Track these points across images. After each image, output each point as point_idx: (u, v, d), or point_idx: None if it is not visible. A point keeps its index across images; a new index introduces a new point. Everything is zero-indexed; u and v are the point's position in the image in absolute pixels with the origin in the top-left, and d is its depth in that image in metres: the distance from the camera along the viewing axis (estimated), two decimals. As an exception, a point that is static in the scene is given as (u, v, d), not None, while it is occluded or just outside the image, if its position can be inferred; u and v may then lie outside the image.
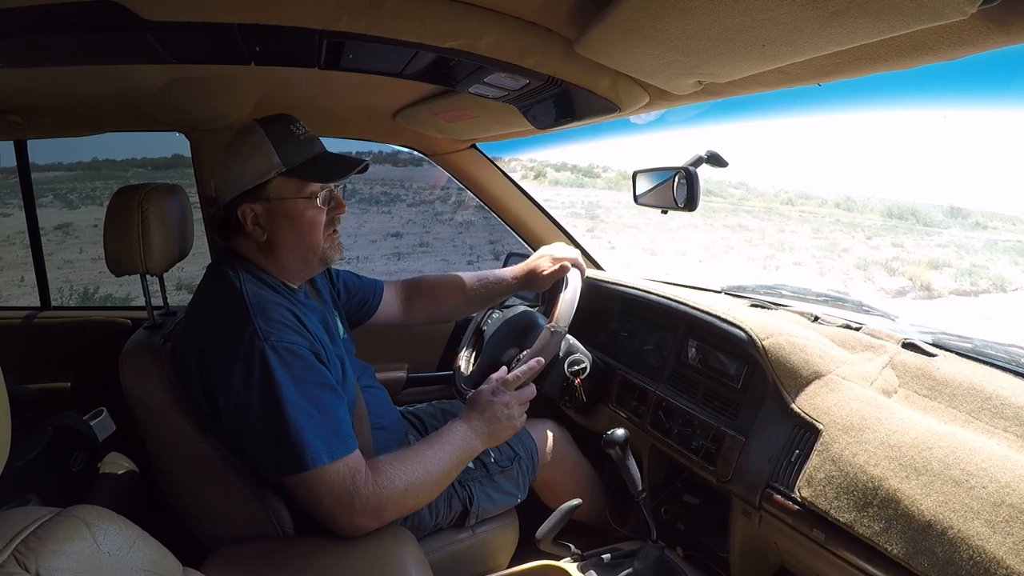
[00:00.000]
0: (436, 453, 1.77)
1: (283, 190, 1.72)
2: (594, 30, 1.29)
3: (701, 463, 1.91)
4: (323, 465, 1.56)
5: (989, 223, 27.72)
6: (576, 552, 2.02)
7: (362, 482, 1.61)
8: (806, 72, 1.41)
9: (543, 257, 2.39)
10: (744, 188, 32.86)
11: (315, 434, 1.57)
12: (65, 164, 24.94)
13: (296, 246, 1.78)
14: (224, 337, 1.63)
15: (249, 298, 1.66)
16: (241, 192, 1.73)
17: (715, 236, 25.74)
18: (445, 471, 1.78)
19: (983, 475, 1.26)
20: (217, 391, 1.62)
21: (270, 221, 1.74)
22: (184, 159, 2.84)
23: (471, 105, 2.10)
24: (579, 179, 33.80)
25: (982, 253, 23.12)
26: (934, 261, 21.87)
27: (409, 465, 1.71)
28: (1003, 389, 1.51)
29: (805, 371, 1.71)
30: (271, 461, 1.61)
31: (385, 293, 2.43)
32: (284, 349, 1.60)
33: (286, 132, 1.74)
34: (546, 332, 2.05)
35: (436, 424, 2.48)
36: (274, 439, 1.56)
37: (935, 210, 28.83)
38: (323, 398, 1.63)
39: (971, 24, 0.99)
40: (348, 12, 1.29)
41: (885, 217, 28.78)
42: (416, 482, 1.70)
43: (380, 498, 1.63)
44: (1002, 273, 20.99)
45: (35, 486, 2.02)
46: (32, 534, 0.89)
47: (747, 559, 1.87)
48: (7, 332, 2.90)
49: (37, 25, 1.28)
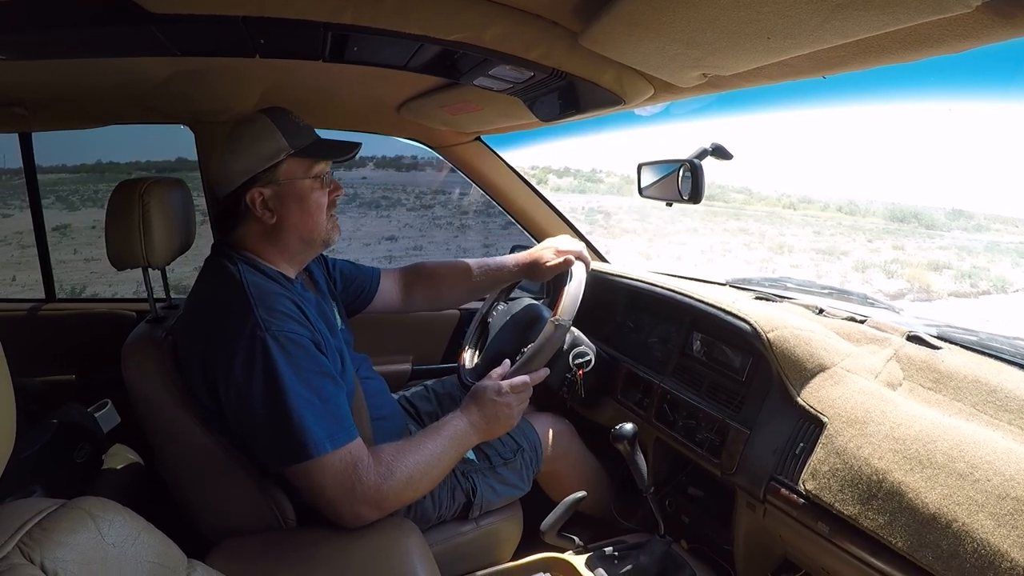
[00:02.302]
0: (435, 445, 1.78)
1: (293, 171, 1.77)
2: (599, 23, 1.29)
3: (706, 456, 1.91)
4: (326, 453, 1.57)
5: (992, 225, 27.58)
6: (580, 545, 2.03)
7: (364, 471, 1.62)
8: (811, 65, 1.40)
9: (547, 248, 2.39)
10: (747, 192, 32.75)
11: (317, 423, 1.57)
12: (69, 166, 24.91)
13: (303, 227, 1.81)
14: (225, 329, 1.64)
15: (250, 288, 1.67)
16: (250, 177, 1.75)
17: (713, 240, 25.60)
18: (444, 464, 1.79)
19: (988, 468, 1.26)
20: (218, 383, 1.63)
21: (279, 203, 1.78)
22: (188, 162, 2.85)
23: (476, 97, 2.10)
24: (581, 184, 33.72)
25: (983, 255, 22.94)
26: (934, 263, 21.75)
27: (410, 457, 1.72)
28: (1008, 382, 1.50)
29: (810, 364, 1.71)
30: (274, 451, 1.62)
31: (383, 280, 2.44)
32: (285, 339, 1.61)
33: (287, 118, 1.79)
34: (550, 325, 2.04)
35: (427, 407, 2.51)
36: (276, 429, 1.57)
37: (938, 212, 28.71)
38: (324, 387, 1.64)
39: (976, 17, 0.99)
40: (353, 4, 1.29)
41: (887, 220, 28.61)
42: (416, 474, 1.70)
43: (382, 489, 1.63)
44: (1003, 275, 20.89)
45: (40, 478, 2.03)
46: (37, 525, 0.89)
47: (751, 552, 1.87)
48: (12, 324, 2.91)
49: (42, 18, 1.28)
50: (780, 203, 32.51)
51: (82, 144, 26.66)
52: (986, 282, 20.23)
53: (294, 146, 1.75)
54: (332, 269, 2.28)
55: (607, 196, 32.03)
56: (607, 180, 34.66)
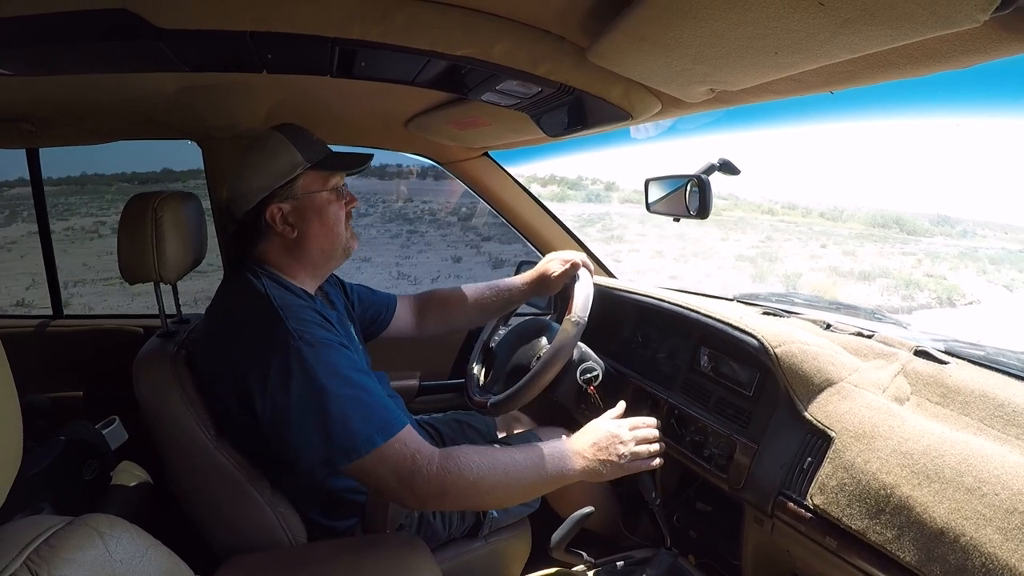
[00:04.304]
0: (525, 461, 1.74)
1: (310, 185, 1.80)
2: (606, 38, 1.29)
3: (713, 471, 1.91)
4: (378, 447, 1.57)
5: (978, 231, 27.29)
6: (589, 560, 2.02)
7: (425, 463, 1.60)
8: (818, 80, 1.41)
9: (552, 260, 2.41)
10: (733, 199, 32.61)
11: (365, 420, 1.57)
12: (54, 179, 24.95)
13: (323, 239, 1.84)
14: (257, 340, 1.64)
15: (277, 301, 1.68)
16: (268, 194, 1.77)
17: (652, 247, 25.24)
18: (527, 481, 1.73)
19: (996, 482, 1.25)
20: (253, 394, 1.62)
21: (299, 217, 1.80)
22: (173, 173, 2.85)
23: (483, 113, 2.11)
24: (563, 192, 33.83)
25: (950, 261, 22.48)
26: (866, 273, 21.31)
27: (486, 459, 1.68)
28: (1016, 396, 1.50)
29: (817, 379, 1.71)
30: (324, 455, 1.59)
31: (398, 307, 2.45)
32: (319, 343, 1.62)
33: (301, 133, 1.81)
34: (567, 323, 2.05)
35: (452, 435, 2.51)
36: (325, 433, 1.56)
37: (922, 218, 28.36)
38: (364, 382, 1.64)
39: (983, 31, 0.99)
40: (360, 20, 1.30)
41: (867, 225, 28.33)
42: (488, 479, 1.65)
43: (444, 482, 1.60)
44: (959, 284, 20.02)
45: (48, 495, 2.03)
46: (44, 542, 0.89)
47: (760, 567, 1.87)
48: (19, 340, 2.91)
49: (50, 34, 1.29)
50: (759, 209, 32.48)
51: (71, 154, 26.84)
52: (929, 293, 19.44)
53: (310, 160, 1.78)
54: (350, 292, 2.29)
55: (584, 204, 32.20)
56: (591, 187, 34.83)
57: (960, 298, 19.18)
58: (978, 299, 19.12)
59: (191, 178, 20.36)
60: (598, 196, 34.29)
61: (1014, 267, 21.91)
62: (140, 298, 15.10)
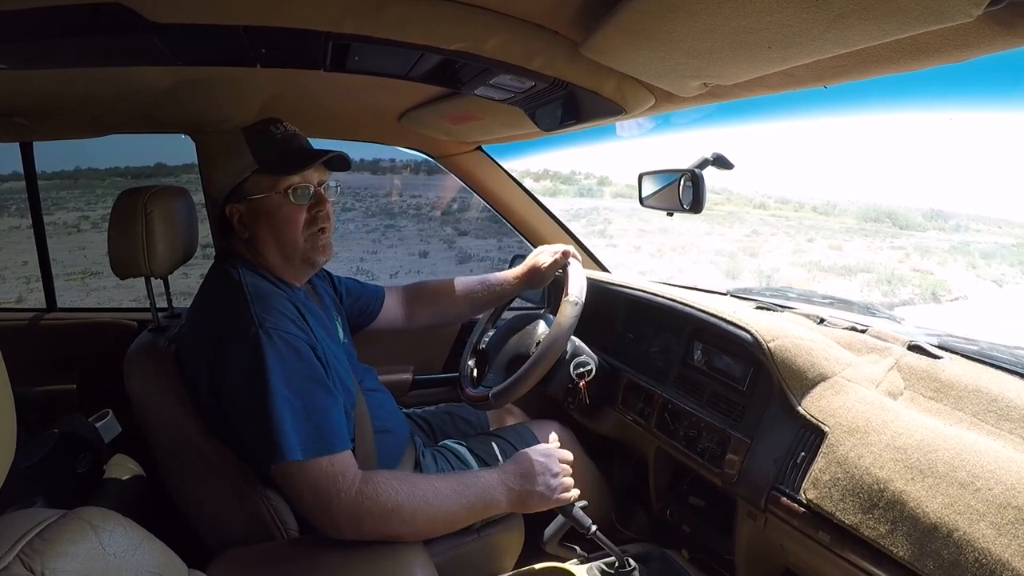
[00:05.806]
0: (446, 489, 1.72)
1: (258, 187, 1.76)
2: (600, 32, 1.29)
3: (707, 465, 1.91)
4: (296, 460, 1.54)
5: (972, 225, 27.24)
6: (582, 554, 2.02)
7: (345, 487, 1.58)
8: (811, 74, 1.41)
9: (541, 253, 2.43)
10: (727, 193, 32.57)
11: (294, 428, 1.55)
12: (48, 173, 24.84)
13: (276, 244, 1.81)
14: (224, 327, 1.65)
15: (248, 288, 1.68)
16: (227, 193, 1.79)
17: (632, 242, 25.30)
18: (451, 511, 1.71)
19: (989, 477, 1.26)
20: (221, 382, 1.63)
21: (250, 219, 1.79)
22: (166, 168, 2.84)
23: (477, 107, 2.11)
24: (555, 187, 33.84)
25: (940, 255, 22.36)
26: (848, 268, 21.33)
27: (407, 487, 1.66)
28: (1009, 391, 1.51)
29: (811, 373, 1.71)
30: (254, 448, 1.60)
31: (387, 298, 2.45)
32: (279, 337, 1.60)
33: (263, 132, 1.79)
34: (566, 304, 2.06)
35: (443, 427, 2.51)
36: (257, 426, 1.55)
37: (915, 213, 28.30)
38: (311, 393, 1.62)
39: (976, 26, 0.99)
40: (354, 14, 1.30)
41: (859, 220, 28.27)
42: (407, 506, 1.64)
43: (360, 508, 1.59)
44: (946, 279, 19.90)
45: (41, 489, 2.03)
46: (37, 536, 0.89)
47: (753, 561, 1.87)
48: (12, 333, 2.91)
49: (43, 27, 1.28)
50: (752, 203, 32.48)
51: (66, 148, 26.78)
52: (912, 288, 19.41)
53: (260, 162, 1.75)
54: (338, 284, 2.29)
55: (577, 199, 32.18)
56: (584, 182, 34.81)
57: (945, 294, 19.14)
58: (965, 295, 19.09)
59: (184, 173, 20.33)
60: (590, 191, 34.29)
61: (1005, 262, 21.84)
62: (96, 293, 15.16)
